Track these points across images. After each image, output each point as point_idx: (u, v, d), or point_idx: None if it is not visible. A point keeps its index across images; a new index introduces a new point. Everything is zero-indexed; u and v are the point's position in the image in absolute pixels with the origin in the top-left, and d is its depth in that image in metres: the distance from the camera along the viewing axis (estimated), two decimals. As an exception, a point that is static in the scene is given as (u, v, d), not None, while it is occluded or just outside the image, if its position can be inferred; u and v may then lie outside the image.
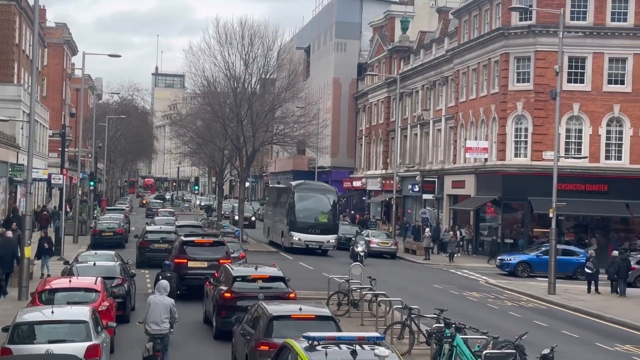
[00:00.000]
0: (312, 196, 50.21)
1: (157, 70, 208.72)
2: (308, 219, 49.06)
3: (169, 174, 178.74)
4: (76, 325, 15.59)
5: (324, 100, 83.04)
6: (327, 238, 48.95)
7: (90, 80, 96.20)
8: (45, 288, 19.94)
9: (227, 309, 21.21)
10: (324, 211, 49.75)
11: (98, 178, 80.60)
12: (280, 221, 51.68)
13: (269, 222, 57.41)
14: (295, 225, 49.01)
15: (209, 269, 27.01)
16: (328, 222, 49.54)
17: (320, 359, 11.02)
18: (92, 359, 14.76)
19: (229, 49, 53.80)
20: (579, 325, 27.09)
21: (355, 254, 42.21)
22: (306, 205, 49.69)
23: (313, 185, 53.95)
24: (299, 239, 48.61)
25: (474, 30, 54.06)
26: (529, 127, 48.58)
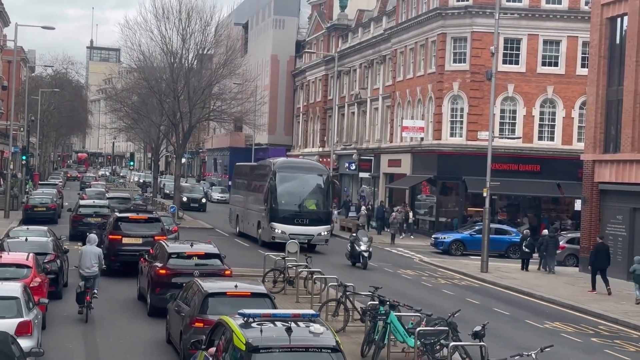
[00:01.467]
0: (297, 177, 39.91)
1: (92, 43, 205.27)
2: (293, 206, 39.15)
3: (103, 149, 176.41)
4: (7, 302, 15.35)
5: (262, 77, 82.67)
6: (317, 230, 38.75)
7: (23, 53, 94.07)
8: (-25, 264, 19.58)
9: (161, 286, 21.05)
10: (313, 196, 39.83)
11: (30, 152, 79.15)
12: (255, 209, 41.72)
13: (238, 209, 46.52)
14: (276, 214, 38.68)
15: (144, 246, 26.80)
16: (318, 210, 39.58)
17: (255, 336, 11.05)
18: (24, 335, 14.53)
19: (165, 24, 53.29)
20: (510, 303, 27.60)
21: (356, 254, 34.04)
22: (290, 189, 39.49)
23: (298, 164, 43.97)
24: (282, 232, 37.94)
25: (412, 9, 54.30)
26: (464, 107, 49.09)
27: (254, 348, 10.82)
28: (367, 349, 17.16)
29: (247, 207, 44.03)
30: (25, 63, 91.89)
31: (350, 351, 17.04)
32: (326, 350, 11.05)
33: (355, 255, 33.97)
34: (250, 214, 42.92)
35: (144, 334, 19.45)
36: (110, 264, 27.84)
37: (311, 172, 40.79)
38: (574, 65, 48.77)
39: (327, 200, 40.06)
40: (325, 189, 39.94)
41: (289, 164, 42.42)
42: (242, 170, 49.14)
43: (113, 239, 28.31)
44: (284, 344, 10.93)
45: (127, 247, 28.05)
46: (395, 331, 16.83)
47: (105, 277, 28.11)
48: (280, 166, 40.49)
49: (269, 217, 38.97)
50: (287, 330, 11.09)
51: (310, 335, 11.19)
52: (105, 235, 29.01)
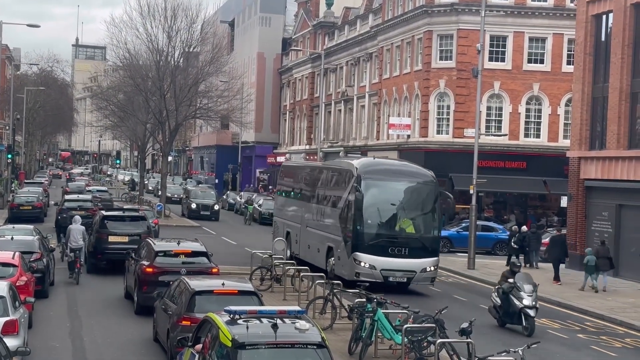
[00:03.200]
0: (393, 186, 27.95)
1: (78, 41, 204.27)
2: (386, 228, 27.50)
3: (89, 148, 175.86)
4: (-7, 301, 15.29)
5: (248, 74, 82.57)
6: (421, 263, 27.27)
7: (8, 51, 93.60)
8: (-40, 263, 19.49)
9: (148, 284, 20.99)
10: (414, 213, 27.97)
11: (16, 151, 78.77)
12: (324, 228, 30.09)
13: (289, 225, 34.71)
14: (362, 239, 27.06)
15: (130, 244, 27.03)
16: (422, 234, 27.78)
17: (242, 332, 11.06)
18: (10, 334, 14.46)
19: (151, 22, 53.19)
20: (497, 300, 27.61)
21: (514, 312, 22.14)
22: (383, 203, 27.69)
23: (393, 167, 29.94)
24: (370, 266, 26.83)
25: (398, 7, 54.35)
26: (451, 105, 49.18)
27: (240, 344, 10.84)
28: (355, 346, 17.18)
29: (307, 224, 32.16)
30: (11, 61, 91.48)
31: (337, 348, 17.06)
32: (312, 346, 11.08)
33: (511, 313, 22.09)
34: (314, 234, 31.01)
35: (131, 333, 19.41)
36: (96, 262, 28.46)
37: (412, 179, 28.51)
38: (559, 63, 48.93)
39: (434, 220, 27.99)
40: (432, 203, 27.92)
41: (379, 166, 29.21)
42: (296, 172, 36.11)
43: (99, 236, 28.50)
44: (269, 340, 10.96)
45: (113, 245, 28.14)
46: (383, 328, 16.86)
47: (92, 275, 28.38)
48: (368, 170, 28.25)
49: (350, 243, 27.21)
50: (273, 326, 11.12)
51: (296, 331, 11.21)
52: (92, 233, 29.18)
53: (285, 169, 38.72)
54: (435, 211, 28.03)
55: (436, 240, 28.33)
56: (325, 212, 30.15)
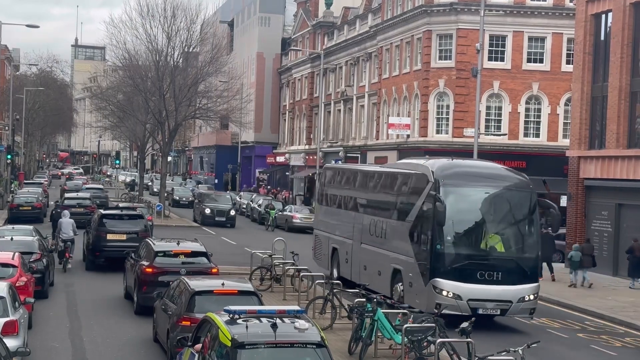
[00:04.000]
0: (481, 195, 22.26)
1: (77, 42, 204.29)
2: (473, 247, 21.96)
3: (89, 148, 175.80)
4: (-7, 301, 15.28)
5: (248, 74, 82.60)
6: (517, 291, 21.82)
7: (8, 51, 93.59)
8: (-40, 263, 19.48)
9: (148, 284, 21.01)
10: (507, 229, 22.50)
11: (15, 151, 78.76)
12: (388, 247, 24.47)
13: (337, 240, 28.94)
14: (442, 262, 21.56)
15: (128, 242, 27.80)
16: (517, 254, 22.26)
17: (241, 332, 11.07)
18: (9, 334, 14.45)
19: (151, 22, 53.20)
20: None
21: None
22: (469, 216, 22.14)
23: (479, 170, 24.02)
24: (455, 295, 21.33)
25: (397, 7, 54.35)
26: (450, 104, 49.19)
27: (240, 344, 10.85)
28: (355, 346, 17.18)
29: (362, 240, 26.66)
30: (10, 62, 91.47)
31: (337, 348, 17.07)
32: (311, 345, 11.09)
33: None
34: (373, 253, 25.57)
35: (131, 333, 19.40)
36: (95, 259, 29.29)
37: (504, 185, 22.74)
38: (559, 62, 48.92)
39: (532, 236, 22.50)
40: (530, 214, 22.72)
41: (461, 169, 23.34)
42: (346, 176, 29.80)
43: (98, 235, 29.18)
44: (269, 340, 10.97)
45: (111, 243, 28.77)
46: (383, 328, 16.86)
47: (90, 273, 28.69)
48: (448, 173, 22.43)
49: (427, 266, 21.69)
50: (273, 326, 11.13)
51: (296, 331, 11.22)
52: (91, 231, 29.95)
53: (331, 173, 31.80)
54: (534, 224, 22.58)
55: (535, 261, 22.47)
56: (388, 226, 24.51)
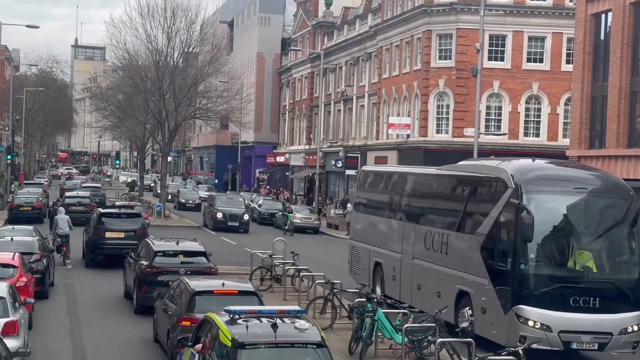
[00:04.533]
0: (572, 204, 18.10)
1: (77, 42, 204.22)
2: (566, 268, 17.87)
3: (89, 148, 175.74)
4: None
5: (248, 75, 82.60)
6: (619, 321, 17.63)
7: (7, 52, 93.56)
8: (-40, 264, 19.48)
9: (148, 284, 21.09)
10: (607, 245, 18.22)
11: (15, 152, 78.77)
12: (450, 264, 20.69)
13: (384, 258, 24.71)
14: (528, 285, 17.57)
15: (126, 239, 28.75)
16: (619, 275, 18.16)
17: (241, 332, 11.07)
18: (10, 335, 14.46)
19: (150, 22, 53.21)
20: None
21: None
22: (559, 230, 18.00)
23: (569, 174, 19.33)
24: (544, 326, 17.27)
25: (397, 6, 54.36)
26: (450, 104, 49.19)
27: (240, 344, 10.86)
28: (355, 346, 17.18)
29: (415, 255, 22.72)
30: (10, 62, 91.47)
31: (337, 348, 17.07)
32: (311, 345, 11.10)
33: None
34: (430, 271, 21.68)
35: (131, 333, 19.41)
36: (94, 256, 30.02)
37: (600, 193, 18.53)
38: (559, 62, 48.92)
39: (634, 254, 18.16)
40: (632, 227, 18.14)
41: (547, 172, 19.21)
42: (392, 180, 26.06)
43: (97, 232, 29.85)
44: (269, 340, 10.98)
45: (110, 241, 29.48)
46: (383, 328, 16.86)
47: (91, 272, 29.10)
48: (532, 177, 18.42)
49: (508, 291, 17.78)
50: (273, 326, 11.14)
51: (296, 331, 11.23)
52: (90, 229, 30.65)
53: (371, 176, 27.66)
54: (636, 239, 18.03)
55: (636, 283, 17.89)
56: (451, 239, 20.69)
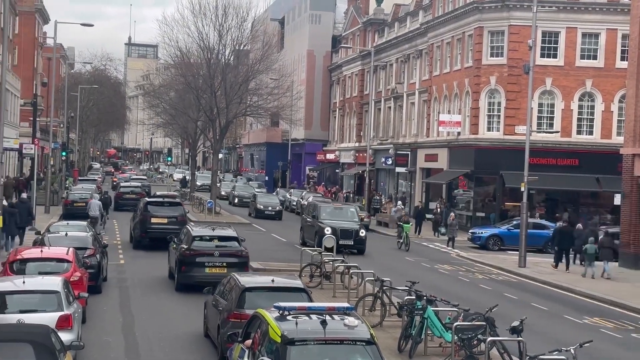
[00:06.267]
0: None
1: (130, 40, 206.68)
2: None
3: (141, 145, 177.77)
4: (48, 296, 15.53)
5: (298, 72, 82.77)
6: None
7: (63, 50, 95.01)
8: (16, 258, 19.86)
9: (186, 265, 24.04)
10: None
11: (70, 148, 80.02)
12: None
13: None
14: None
15: (168, 225, 32.93)
16: None
17: (291, 328, 11.11)
18: (64, 329, 14.69)
19: (202, 20, 53.58)
20: (549, 298, 27.37)
21: None
22: None
23: None
24: None
25: (449, 3, 54.04)
26: (501, 101, 48.77)
27: (290, 340, 10.90)
28: (404, 344, 17.13)
29: None
30: (65, 60, 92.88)
31: (387, 346, 17.04)
32: (360, 342, 11.09)
33: None
34: None
35: (182, 328, 19.58)
36: (141, 239, 34.07)
37: None
38: (613, 58, 48.21)
39: None
40: None
41: None
42: None
43: (143, 218, 33.95)
44: (318, 337, 10.99)
45: (154, 226, 33.68)
46: (433, 326, 16.79)
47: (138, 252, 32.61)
48: None
49: None
50: (322, 323, 11.15)
51: (345, 328, 11.24)
52: (137, 215, 34.87)
53: None
54: None
55: None
56: None
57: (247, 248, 24.96)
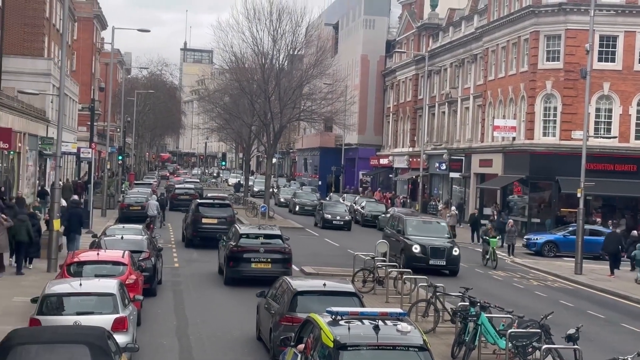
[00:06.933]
0: None
1: (186, 45, 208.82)
2: None
3: (196, 149, 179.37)
4: (104, 298, 15.75)
5: (352, 77, 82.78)
6: None
7: (120, 55, 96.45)
8: (73, 260, 20.13)
9: (234, 260, 25.91)
10: None
11: (126, 152, 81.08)
12: None
13: None
14: None
15: (218, 225, 34.76)
16: None
17: (343, 333, 11.11)
18: (119, 331, 14.86)
19: (257, 25, 53.94)
20: (606, 306, 26.97)
21: None
22: None
23: None
24: None
25: (504, 7, 53.59)
26: (558, 106, 48.19)
27: (342, 345, 10.90)
28: (458, 350, 17.02)
29: None
30: (122, 65, 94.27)
31: (440, 352, 16.95)
32: (413, 348, 11.04)
33: None
34: None
35: (235, 331, 19.72)
36: (192, 238, 36.20)
37: None
38: (673, 63, 47.31)
39: None
40: None
41: None
42: None
43: (195, 218, 36.09)
44: (371, 342, 10.97)
45: (205, 226, 35.73)
46: (486, 333, 16.65)
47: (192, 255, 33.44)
48: None
49: None
50: (375, 328, 11.12)
51: (398, 333, 11.20)
52: (189, 215, 36.97)
53: None
54: None
55: None
56: None
57: (290, 246, 26.63)
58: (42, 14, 54.14)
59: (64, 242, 29.15)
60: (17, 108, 44.70)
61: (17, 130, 44.10)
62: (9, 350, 11.11)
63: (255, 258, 25.80)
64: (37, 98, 48.64)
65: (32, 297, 17.10)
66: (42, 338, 11.70)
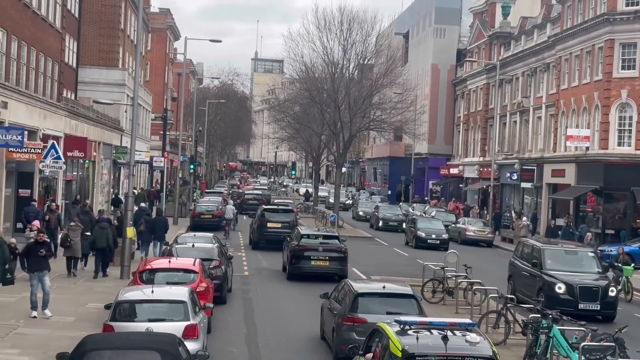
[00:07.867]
0: None
1: (257, 55, 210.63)
2: None
3: (266, 158, 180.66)
4: (175, 305, 15.96)
5: (422, 86, 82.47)
6: None
7: (192, 65, 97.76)
8: (146, 268, 20.48)
9: (296, 258, 29.16)
10: None
11: (198, 161, 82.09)
12: None
13: None
14: None
15: (282, 229, 37.39)
16: None
17: (412, 343, 11.06)
18: (190, 338, 15.04)
19: (327, 35, 54.15)
20: (682, 320, 26.27)
21: None
22: None
23: None
24: None
25: (578, 15, 52.78)
26: (633, 116, 47.23)
27: (410, 355, 10.85)
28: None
29: None
30: (194, 75, 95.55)
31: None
32: (482, 359, 10.92)
33: None
34: None
35: (300, 332, 20.11)
36: (258, 241, 39.38)
37: None
38: None
39: None
40: None
41: None
42: None
43: (261, 223, 39.33)
44: (440, 352, 10.89)
45: (270, 230, 38.79)
46: (559, 345, 16.40)
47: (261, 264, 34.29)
48: None
49: None
50: (443, 338, 11.04)
51: (467, 344, 11.11)
52: (256, 220, 40.08)
53: None
54: None
55: None
56: None
57: (346, 246, 29.76)
58: (117, 25, 55.30)
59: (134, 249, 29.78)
60: (92, 118, 45.74)
61: (93, 139, 45.11)
62: (83, 355, 11.34)
63: (315, 256, 28.97)
64: (111, 108, 49.69)
65: (105, 303, 17.45)
66: (115, 344, 11.91)
